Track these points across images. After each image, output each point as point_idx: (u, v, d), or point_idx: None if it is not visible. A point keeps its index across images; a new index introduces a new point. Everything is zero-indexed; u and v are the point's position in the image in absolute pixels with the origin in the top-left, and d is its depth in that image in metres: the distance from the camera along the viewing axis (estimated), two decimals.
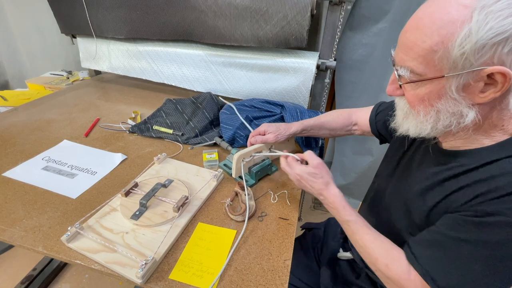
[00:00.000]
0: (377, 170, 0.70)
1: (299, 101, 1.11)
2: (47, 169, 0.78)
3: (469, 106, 0.39)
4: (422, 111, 0.43)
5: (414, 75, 0.41)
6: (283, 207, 0.70)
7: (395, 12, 1.07)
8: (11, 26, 1.64)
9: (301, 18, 0.93)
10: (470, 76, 0.37)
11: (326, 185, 0.57)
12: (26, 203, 0.67)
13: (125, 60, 1.30)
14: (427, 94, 0.41)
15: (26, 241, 0.57)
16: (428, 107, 0.42)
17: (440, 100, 0.40)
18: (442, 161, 0.47)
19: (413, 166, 0.54)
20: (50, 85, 1.47)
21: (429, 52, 0.38)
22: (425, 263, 0.43)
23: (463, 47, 0.35)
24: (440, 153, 0.48)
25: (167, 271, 0.53)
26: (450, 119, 0.41)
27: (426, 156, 0.51)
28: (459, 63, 0.36)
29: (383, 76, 1.24)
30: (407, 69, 0.41)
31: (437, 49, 0.37)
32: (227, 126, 0.94)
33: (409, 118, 0.46)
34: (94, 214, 0.63)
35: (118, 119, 1.06)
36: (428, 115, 0.43)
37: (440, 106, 0.41)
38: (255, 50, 1.11)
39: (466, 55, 0.35)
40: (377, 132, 0.73)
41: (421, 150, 0.53)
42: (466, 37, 0.34)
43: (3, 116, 1.06)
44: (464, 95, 0.39)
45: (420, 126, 0.44)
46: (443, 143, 0.49)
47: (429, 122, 0.43)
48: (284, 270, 0.55)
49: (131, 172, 0.79)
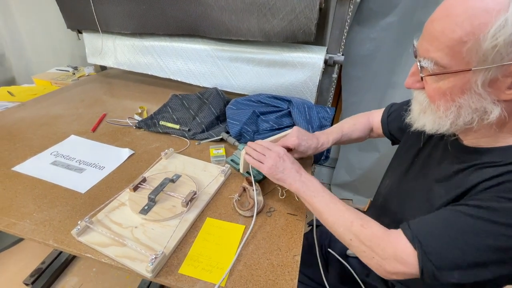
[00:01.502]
0: (388, 167, 0.70)
1: (306, 96, 1.10)
2: (56, 163, 0.79)
3: (494, 103, 0.37)
4: (442, 106, 0.41)
5: (438, 67, 0.39)
6: (291, 203, 0.70)
7: (405, 6, 1.05)
8: (17, 22, 1.65)
9: (309, 11, 0.91)
10: (499, 70, 0.35)
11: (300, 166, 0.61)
12: (36, 197, 0.67)
13: (131, 55, 1.30)
14: (450, 88, 0.39)
15: (37, 235, 0.58)
16: (449, 102, 0.40)
17: (464, 95, 0.38)
18: (465, 159, 0.45)
19: (432, 163, 0.52)
20: (57, 81, 1.48)
21: (458, 43, 0.35)
22: (417, 228, 0.41)
23: (496, 38, 0.33)
24: (462, 150, 0.46)
25: (176, 266, 0.53)
26: (472, 115, 0.39)
27: (446, 153, 0.49)
28: (490, 56, 0.34)
29: (390, 72, 1.22)
30: (430, 61, 0.39)
31: (467, 40, 0.35)
32: (234, 122, 0.93)
33: (426, 113, 0.44)
34: (103, 208, 0.64)
35: (124, 115, 1.06)
36: (449, 110, 0.40)
37: (463, 101, 0.39)
38: (262, 45, 1.10)
39: (498, 47, 0.33)
40: (388, 133, 0.72)
41: (440, 147, 0.51)
42: (501, 28, 0.32)
43: (11, 112, 1.06)
44: (490, 91, 0.37)
45: (439, 122, 0.42)
46: (464, 140, 0.46)
47: (449, 118, 0.41)
48: (293, 265, 0.55)
49: (138, 167, 0.80)
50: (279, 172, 0.60)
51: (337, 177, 1.66)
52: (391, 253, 0.42)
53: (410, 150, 0.59)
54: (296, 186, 0.58)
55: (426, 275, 0.39)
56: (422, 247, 0.39)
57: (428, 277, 0.39)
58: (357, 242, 0.47)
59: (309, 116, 0.94)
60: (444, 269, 0.38)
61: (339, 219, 0.50)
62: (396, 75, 1.22)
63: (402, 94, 1.23)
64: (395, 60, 1.18)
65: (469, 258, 0.37)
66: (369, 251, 0.45)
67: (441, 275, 0.38)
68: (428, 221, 0.42)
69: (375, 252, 0.44)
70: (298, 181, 0.58)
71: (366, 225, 0.46)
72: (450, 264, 0.38)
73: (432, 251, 0.39)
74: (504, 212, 0.35)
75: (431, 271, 0.38)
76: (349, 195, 1.69)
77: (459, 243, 0.38)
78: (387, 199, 0.64)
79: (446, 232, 0.39)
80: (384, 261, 0.43)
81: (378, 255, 0.44)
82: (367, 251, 0.45)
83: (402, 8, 1.06)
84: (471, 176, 0.42)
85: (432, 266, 0.38)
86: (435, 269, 0.38)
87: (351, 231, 0.48)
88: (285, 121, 0.98)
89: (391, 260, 0.42)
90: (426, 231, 0.41)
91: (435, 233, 0.40)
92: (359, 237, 0.46)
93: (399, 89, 1.23)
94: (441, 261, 0.38)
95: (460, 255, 0.37)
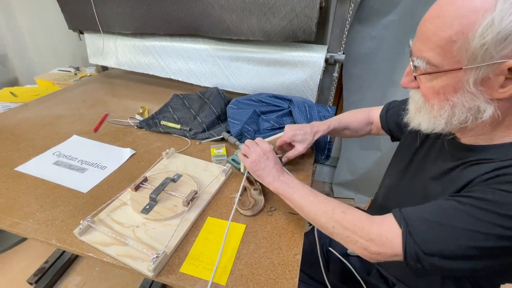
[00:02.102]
0: (388, 166, 0.70)
1: (307, 96, 1.10)
2: (58, 163, 0.79)
3: (487, 101, 0.38)
4: (436, 105, 0.42)
5: (430, 67, 0.40)
6: None
7: (405, 4, 1.05)
8: (19, 23, 1.66)
9: (309, 10, 0.91)
10: (490, 69, 0.35)
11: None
12: (38, 197, 0.68)
13: (132, 55, 1.31)
14: (443, 87, 0.40)
15: (40, 234, 0.58)
16: (443, 101, 0.41)
17: (456, 94, 0.39)
18: (461, 156, 0.45)
19: (428, 162, 0.53)
20: (59, 81, 1.48)
21: (448, 42, 0.36)
22: (406, 211, 0.41)
23: (484, 37, 0.33)
24: (458, 147, 0.47)
25: (177, 265, 0.54)
26: (466, 114, 0.39)
27: (442, 151, 0.50)
28: (479, 54, 0.35)
29: (391, 70, 1.21)
30: (423, 60, 0.40)
31: (456, 39, 0.35)
32: (234, 121, 0.94)
33: (422, 112, 0.45)
34: (104, 208, 0.64)
35: (126, 115, 1.07)
36: (443, 109, 0.41)
37: (456, 100, 0.39)
38: (263, 44, 1.10)
39: (486, 46, 0.34)
40: (387, 128, 0.72)
41: (437, 146, 0.52)
42: (488, 27, 0.33)
43: (14, 112, 1.07)
44: (482, 90, 0.37)
45: (433, 121, 0.43)
46: (462, 138, 0.47)
47: (443, 117, 0.41)
48: (294, 264, 0.55)
49: (140, 166, 0.80)
50: (260, 169, 0.60)
51: (338, 176, 1.66)
52: (376, 234, 0.42)
53: (408, 149, 0.60)
54: (275, 185, 0.58)
55: (409, 256, 0.38)
56: (408, 228, 0.39)
57: (412, 258, 0.38)
58: (340, 228, 0.46)
59: (310, 115, 0.94)
60: (428, 253, 0.37)
61: (320, 209, 0.50)
62: (397, 74, 1.21)
63: (403, 93, 1.22)
64: (396, 58, 1.18)
65: (456, 242, 0.36)
66: (353, 235, 0.44)
67: (424, 258, 0.37)
68: (419, 207, 0.42)
69: (358, 235, 0.43)
70: (277, 180, 0.58)
71: (347, 211, 0.46)
72: (435, 248, 0.37)
73: (417, 232, 0.38)
74: (498, 202, 0.35)
75: (414, 252, 0.38)
76: (351, 194, 1.69)
77: (447, 228, 0.37)
78: (386, 198, 0.64)
79: (435, 216, 0.39)
80: (368, 242, 0.42)
81: (362, 237, 0.43)
82: (351, 236, 0.44)
83: (403, 6, 1.06)
84: (466, 171, 0.42)
85: (416, 246, 0.38)
86: (419, 251, 0.38)
87: (333, 219, 0.47)
88: (286, 120, 0.98)
89: (375, 241, 0.42)
90: (415, 214, 0.41)
91: (424, 216, 0.40)
92: (342, 223, 0.46)
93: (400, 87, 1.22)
94: (425, 244, 0.38)
95: (447, 240, 0.37)
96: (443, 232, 0.37)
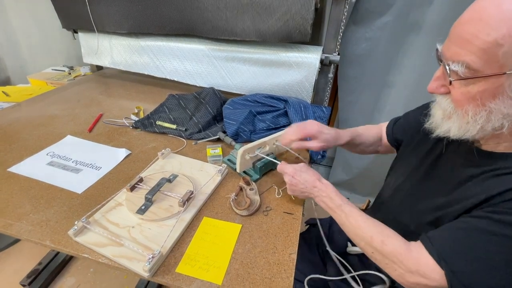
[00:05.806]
0: (391, 167, 0.70)
1: (302, 96, 1.11)
2: (52, 164, 0.79)
3: None
4: (471, 111, 0.39)
5: (469, 71, 0.37)
6: (288, 202, 0.70)
7: (400, 5, 1.06)
8: (11, 22, 1.63)
9: (305, 11, 0.92)
10: None
11: (318, 177, 0.62)
12: (32, 198, 0.67)
13: (127, 55, 1.30)
14: (480, 92, 0.38)
15: (34, 235, 0.58)
16: (479, 107, 0.39)
17: (495, 99, 0.37)
18: (480, 163, 0.44)
19: (442, 167, 0.52)
20: (52, 81, 1.47)
21: (493, 46, 0.34)
22: (440, 246, 0.42)
23: None
24: (479, 154, 0.45)
25: (173, 265, 0.54)
26: (502, 120, 0.38)
27: (458, 155, 0.49)
28: None
29: (386, 71, 1.23)
30: (461, 64, 0.38)
31: (503, 43, 0.34)
32: (230, 121, 0.94)
33: (452, 118, 0.43)
34: (100, 208, 0.64)
35: (121, 115, 1.06)
36: (478, 115, 0.39)
37: (494, 106, 0.37)
38: (258, 45, 1.10)
39: None
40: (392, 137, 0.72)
41: (454, 151, 0.51)
42: None
43: (6, 112, 1.06)
44: None
45: (466, 127, 0.41)
46: (484, 145, 0.46)
47: (478, 123, 0.39)
48: (289, 263, 0.55)
49: (135, 167, 0.80)
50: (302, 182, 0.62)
51: (334, 176, 1.67)
52: (414, 268, 0.43)
53: (417, 151, 0.59)
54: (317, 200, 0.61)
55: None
56: (449, 266, 0.40)
57: None
58: (379, 256, 0.48)
59: (305, 115, 0.95)
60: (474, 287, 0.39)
61: (358, 235, 0.52)
62: (391, 74, 1.23)
63: (397, 93, 1.24)
64: (390, 59, 1.19)
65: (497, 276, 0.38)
66: (391, 263, 0.46)
67: None
68: (449, 236, 0.42)
69: (397, 265, 0.45)
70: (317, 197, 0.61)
71: (386, 241, 0.47)
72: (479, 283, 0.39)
73: (458, 270, 0.40)
74: None
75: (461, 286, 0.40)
76: (346, 193, 1.70)
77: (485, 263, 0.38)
78: (390, 198, 0.64)
79: (471, 250, 0.40)
80: (407, 274, 0.44)
81: (401, 268, 0.45)
82: (390, 264, 0.46)
83: (397, 7, 1.07)
84: (487, 183, 0.42)
85: (461, 285, 0.39)
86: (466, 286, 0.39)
87: (371, 246, 0.49)
88: (282, 120, 0.98)
89: (414, 274, 0.43)
90: (450, 249, 0.41)
91: (459, 250, 0.40)
92: (381, 252, 0.47)
93: (394, 88, 1.24)
94: (469, 281, 0.39)
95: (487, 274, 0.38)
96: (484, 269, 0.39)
